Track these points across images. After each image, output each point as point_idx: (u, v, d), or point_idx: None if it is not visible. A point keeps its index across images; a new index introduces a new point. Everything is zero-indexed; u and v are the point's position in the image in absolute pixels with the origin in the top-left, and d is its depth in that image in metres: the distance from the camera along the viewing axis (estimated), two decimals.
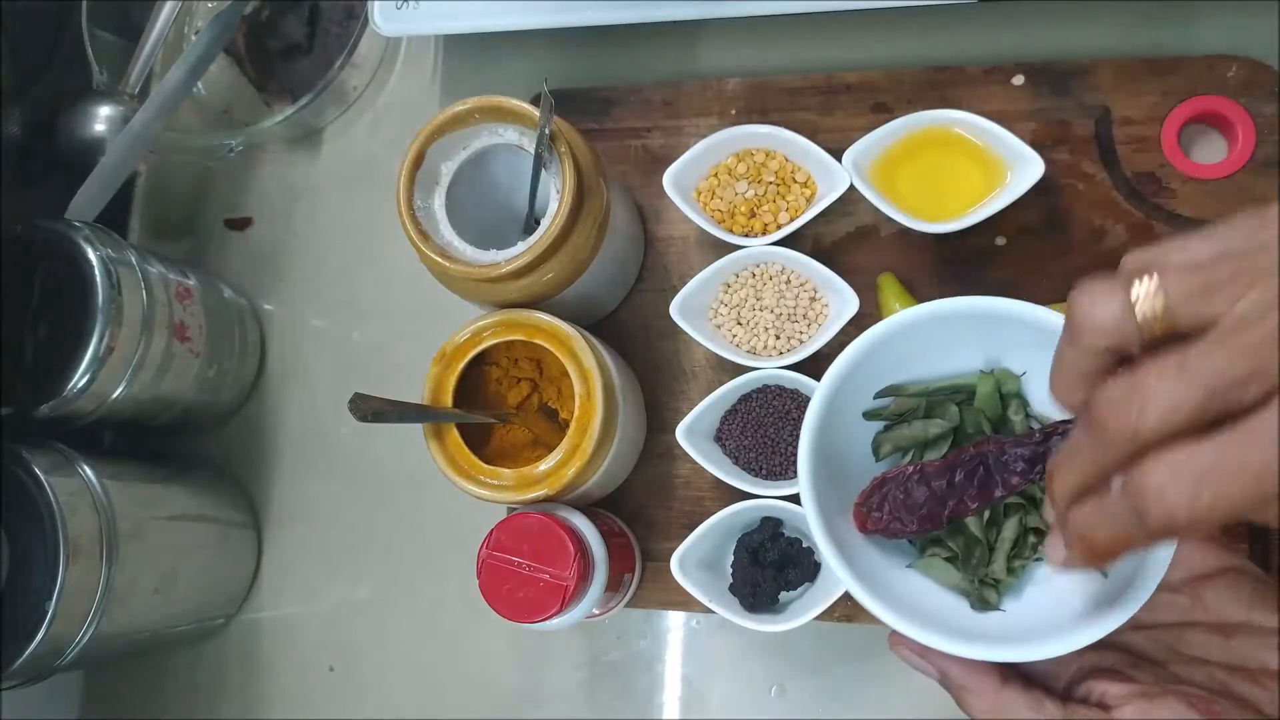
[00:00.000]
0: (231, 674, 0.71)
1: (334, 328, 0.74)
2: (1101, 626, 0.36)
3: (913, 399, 0.43)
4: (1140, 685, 0.36)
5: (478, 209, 0.58)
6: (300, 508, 0.72)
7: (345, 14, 0.74)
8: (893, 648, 0.40)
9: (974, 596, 0.43)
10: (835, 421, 0.42)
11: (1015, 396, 0.42)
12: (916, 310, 0.40)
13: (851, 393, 0.42)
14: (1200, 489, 0.25)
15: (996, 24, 0.65)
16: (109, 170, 0.66)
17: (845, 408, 0.42)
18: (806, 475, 0.41)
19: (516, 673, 0.66)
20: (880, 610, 0.39)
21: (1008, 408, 0.43)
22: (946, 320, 0.40)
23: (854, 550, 0.41)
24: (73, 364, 0.59)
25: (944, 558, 0.43)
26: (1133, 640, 0.39)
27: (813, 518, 0.41)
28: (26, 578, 0.57)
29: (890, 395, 0.43)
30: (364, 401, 0.50)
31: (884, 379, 0.43)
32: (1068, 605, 0.39)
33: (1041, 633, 0.37)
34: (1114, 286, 0.29)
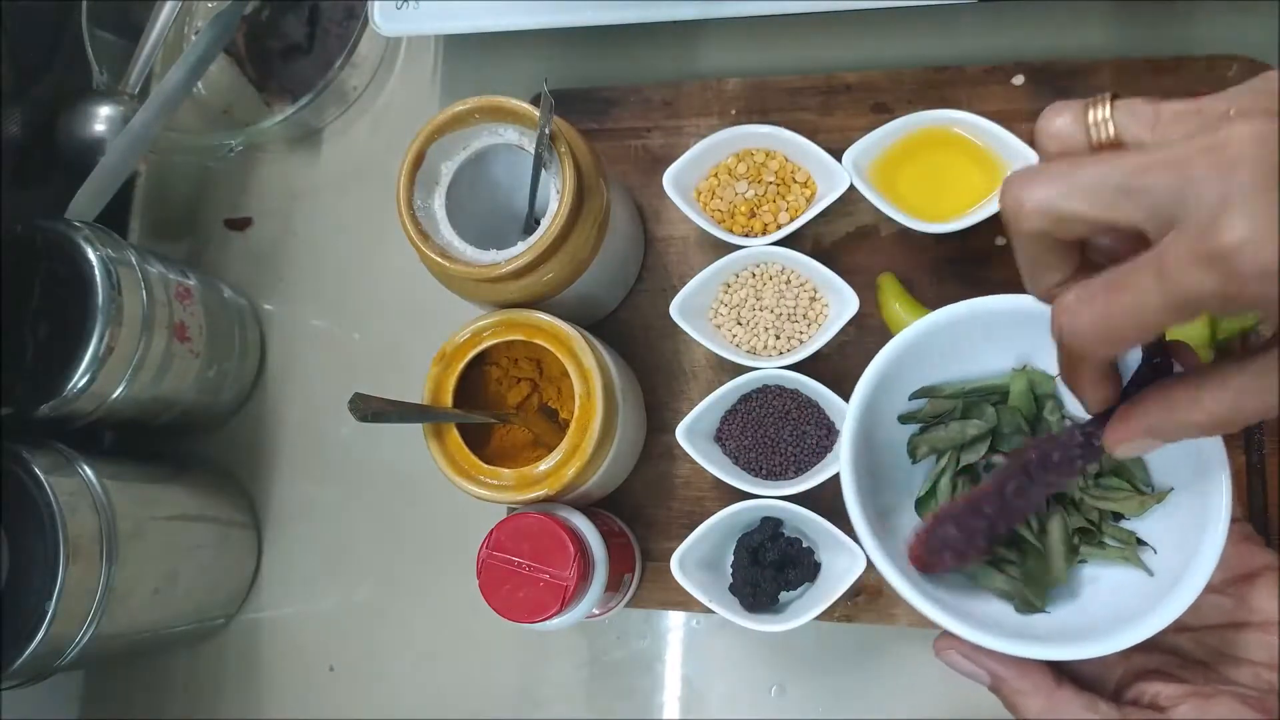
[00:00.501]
0: (231, 674, 0.71)
1: (334, 328, 0.74)
2: (1150, 625, 0.36)
3: (948, 400, 0.43)
4: (1193, 685, 0.36)
5: (478, 209, 0.58)
6: (300, 508, 0.72)
7: (345, 14, 0.74)
8: (940, 653, 0.40)
9: (1019, 599, 0.42)
10: (872, 426, 0.41)
11: (1050, 397, 0.42)
12: (953, 310, 0.40)
13: (886, 397, 0.42)
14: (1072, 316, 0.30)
15: (996, 24, 0.65)
16: (109, 170, 0.66)
17: (881, 412, 0.42)
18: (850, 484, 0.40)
19: (516, 673, 0.66)
20: (936, 614, 0.38)
21: (1043, 408, 0.42)
22: (982, 319, 0.40)
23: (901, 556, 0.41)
24: (73, 364, 0.59)
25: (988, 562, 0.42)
26: (1178, 642, 0.39)
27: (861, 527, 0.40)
28: (26, 578, 0.57)
29: (925, 397, 0.43)
30: (364, 401, 0.50)
31: (917, 381, 0.43)
32: (1113, 606, 0.39)
33: (1090, 632, 0.37)
34: (1073, 103, 0.34)
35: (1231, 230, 0.25)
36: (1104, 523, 0.41)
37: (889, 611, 0.59)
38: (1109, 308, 0.29)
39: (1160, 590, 0.37)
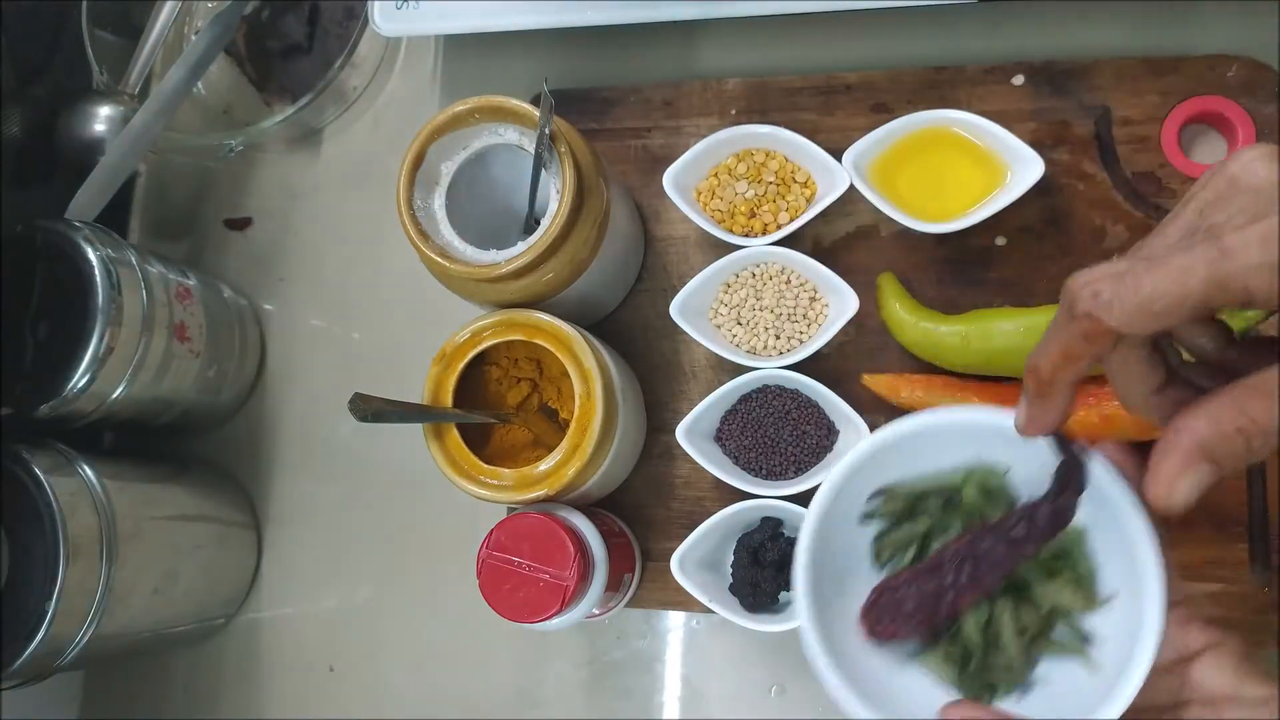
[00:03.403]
0: (231, 674, 0.71)
1: (334, 328, 0.74)
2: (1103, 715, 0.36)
3: (905, 499, 0.44)
4: None
5: (478, 209, 0.58)
6: (300, 508, 0.72)
7: (345, 14, 0.74)
8: None
9: (972, 695, 0.42)
10: (831, 530, 0.42)
11: (1002, 491, 0.43)
12: (908, 423, 0.42)
13: (844, 500, 0.43)
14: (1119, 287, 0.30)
15: (996, 24, 0.65)
16: (109, 170, 0.66)
17: (840, 515, 0.43)
18: (805, 592, 0.41)
19: (516, 673, 0.66)
20: None
21: (996, 502, 0.43)
22: (939, 431, 0.42)
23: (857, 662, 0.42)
24: (73, 364, 0.59)
25: (942, 657, 0.43)
26: None
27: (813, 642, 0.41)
28: (26, 578, 0.57)
29: (881, 497, 0.44)
30: (364, 401, 0.50)
31: (875, 483, 0.44)
32: (1066, 702, 0.39)
33: None
34: None
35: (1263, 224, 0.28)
36: (1053, 618, 0.41)
37: None
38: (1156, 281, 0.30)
39: (1105, 685, 0.37)
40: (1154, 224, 0.60)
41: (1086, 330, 0.32)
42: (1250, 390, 0.31)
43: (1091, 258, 0.60)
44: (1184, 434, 0.33)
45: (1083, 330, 0.32)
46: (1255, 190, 0.30)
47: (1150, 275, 0.30)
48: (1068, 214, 0.61)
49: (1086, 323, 0.32)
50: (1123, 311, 0.31)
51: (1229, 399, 0.32)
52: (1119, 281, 0.31)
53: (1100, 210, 0.60)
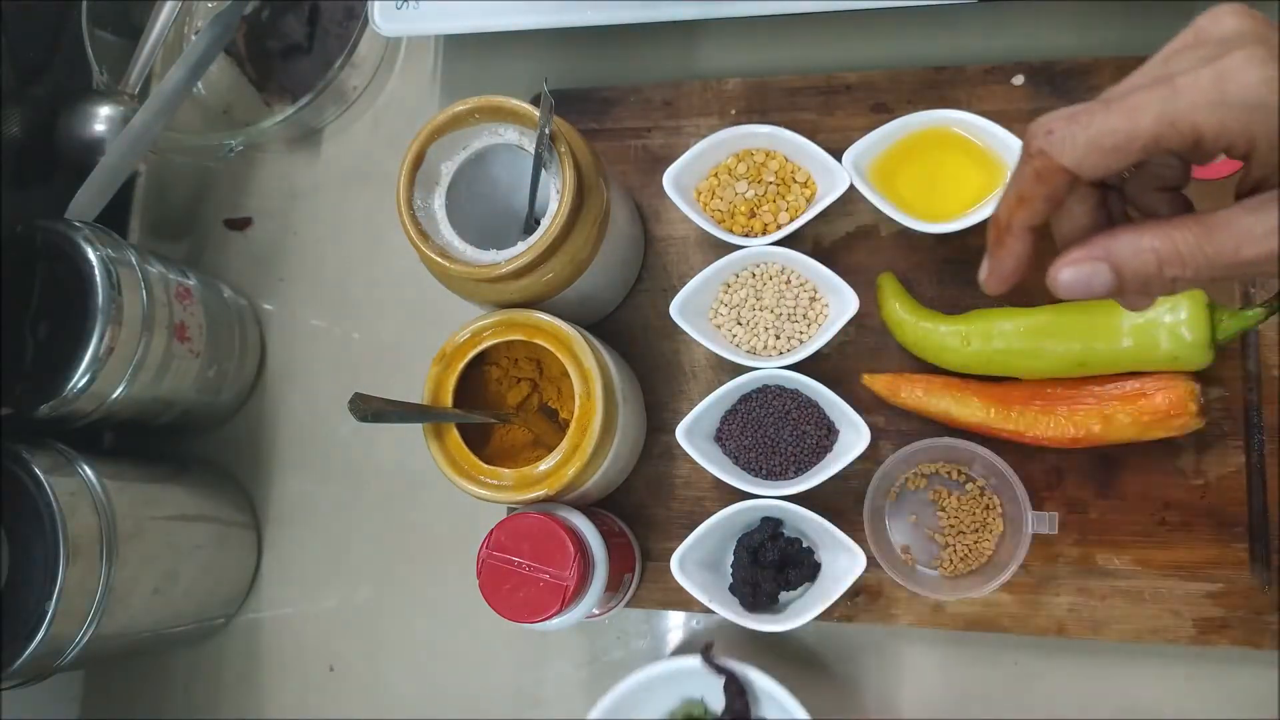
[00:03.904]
0: (231, 674, 0.71)
1: (334, 328, 0.74)
2: None
3: None
4: None
5: (478, 209, 0.58)
6: (300, 508, 0.72)
7: (345, 14, 0.74)
8: None
9: None
10: None
11: (705, 714, 0.57)
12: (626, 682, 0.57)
13: None
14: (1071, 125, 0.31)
15: (996, 24, 0.65)
16: (109, 170, 0.66)
17: None
18: None
19: (516, 673, 0.66)
20: None
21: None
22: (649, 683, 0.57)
23: None
24: (73, 364, 0.59)
25: None
26: None
27: None
28: (26, 578, 0.57)
29: None
30: (364, 401, 0.50)
31: None
32: None
33: None
34: None
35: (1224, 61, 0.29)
36: None
37: (889, 611, 0.59)
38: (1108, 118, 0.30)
39: None
40: None
41: (1039, 168, 0.32)
42: (1183, 223, 0.32)
43: None
44: (1100, 238, 0.33)
45: (1035, 169, 0.33)
46: (1219, 40, 0.30)
47: (1103, 114, 0.31)
48: None
49: (1039, 160, 0.32)
50: (1074, 148, 0.31)
51: (1160, 224, 0.32)
52: (1072, 120, 0.31)
53: None
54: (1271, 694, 0.56)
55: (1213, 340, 0.53)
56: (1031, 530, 0.54)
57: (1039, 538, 0.57)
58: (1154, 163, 0.35)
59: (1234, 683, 0.57)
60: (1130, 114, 0.30)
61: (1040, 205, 0.34)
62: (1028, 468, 0.58)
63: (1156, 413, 0.54)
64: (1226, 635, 0.56)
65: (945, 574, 0.58)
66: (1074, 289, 0.34)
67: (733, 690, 0.55)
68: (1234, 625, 0.56)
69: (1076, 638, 0.57)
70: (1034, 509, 0.55)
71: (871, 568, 0.56)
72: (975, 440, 0.57)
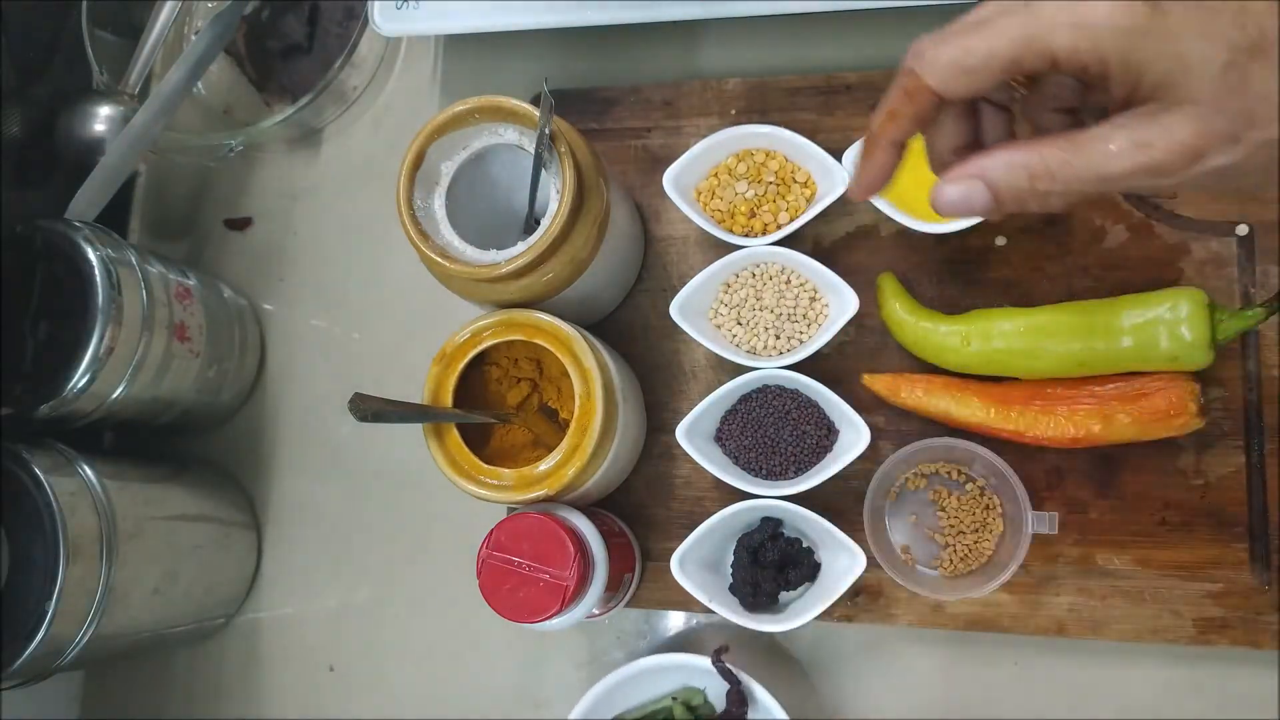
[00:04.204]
0: (231, 674, 0.71)
1: (334, 328, 0.74)
2: None
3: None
4: None
5: (478, 209, 0.58)
6: (300, 508, 0.72)
7: (345, 14, 0.74)
8: None
9: None
10: None
11: (703, 706, 0.58)
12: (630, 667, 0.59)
13: None
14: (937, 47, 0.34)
15: None
16: (109, 170, 0.66)
17: None
18: None
19: (516, 673, 0.66)
20: None
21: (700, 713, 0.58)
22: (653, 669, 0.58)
23: None
24: (73, 364, 0.59)
25: None
26: None
27: None
28: (26, 578, 0.57)
29: None
30: (364, 401, 0.50)
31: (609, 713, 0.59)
32: None
33: None
34: None
35: None
36: None
37: (889, 611, 0.59)
38: (970, 39, 0.33)
39: None
40: (1154, 223, 0.60)
41: (907, 86, 0.35)
42: (1053, 140, 0.34)
43: (1091, 257, 0.60)
44: (976, 158, 0.35)
45: (904, 86, 0.35)
46: None
47: (964, 35, 0.33)
48: (1067, 214, 0.61)
49: (908, 79, 0.34)
50: (938, 68, 0.34)
51: (1030, 144, 0.34)
52: (940, 42, 0.33)
53: (1100, 210, 0.60)
54: (1271, 694, 0.56)
55: (1213, 340, 0.53)
56: (1031, 530, 0.54)
57: (1039, 538, 0.57)
58: (1049, 82, 0.37)
59: (1234, 683, 0.57)
60: (991, 36, 0.32)
61: (907, 123, 0.36)
62: (1028, 468, 0.58)
63: (1156, 413, 0.54)
64: (1226, 635, 0.56)
65: (945, 574, 0.58)
66: (956, 207, 0.36)
67: (734, 698, 0.56)
68: (1234, 625, 0.56)
69: (1076, 638, 0.57)
70: (1034, 509, 0.55)
71: (871, 568, 0.56)
72: (975, 440, 0.57)
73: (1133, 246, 0.60)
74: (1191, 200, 0.59)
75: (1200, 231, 0.59)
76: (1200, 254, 0.59)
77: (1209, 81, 0.31)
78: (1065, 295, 0.59)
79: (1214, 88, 0.31)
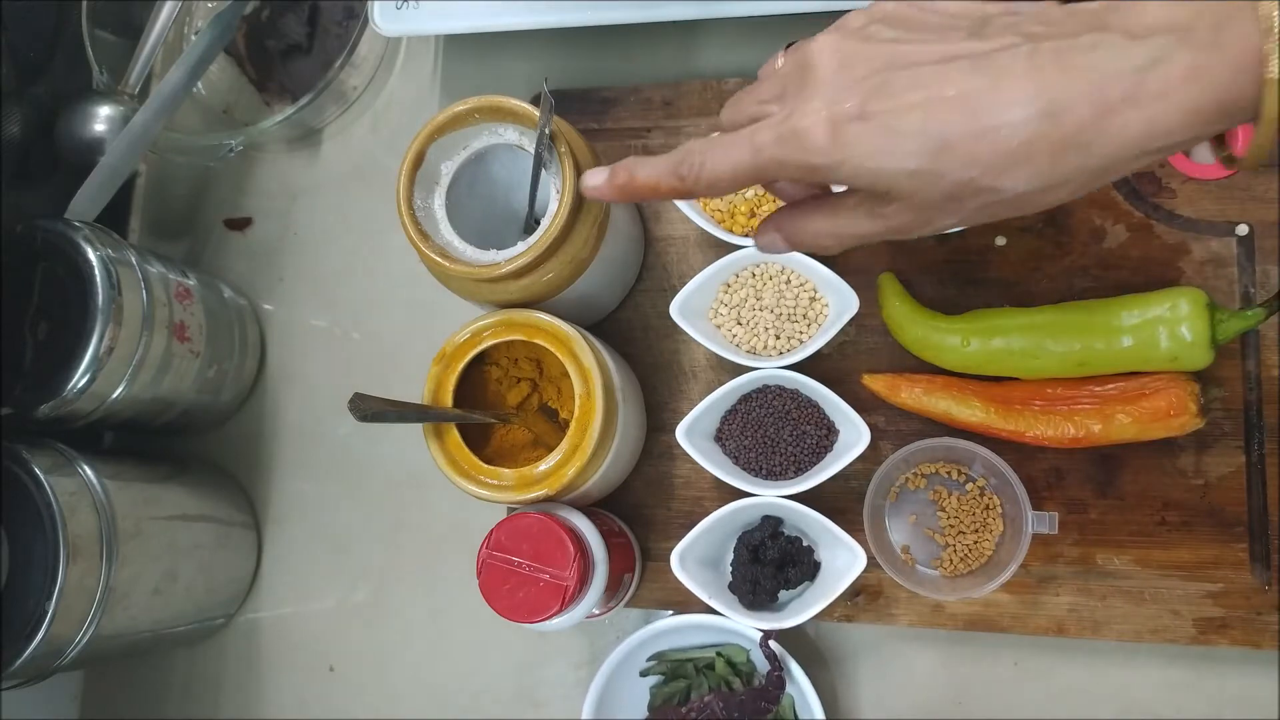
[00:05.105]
0: (231, 674, 0.71)
1: (334, 328, 0.74)
2: None
3: (672, 663, 0.61)
4: None
5: (478, 209, 0.58)
6: (300, 508, 0.72)
7: (345, 14, 0.74)
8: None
9: None
10: (620, 675, 0.60)
11: (744, 664, 0.60)
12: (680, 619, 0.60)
13: (632, 658, 0.60)
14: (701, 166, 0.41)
15: None
16: (109, 170, 0.66)
17: (628, 667, 0.61)
18: None
19: (516, 673, 0.66)
20: None
21: (738, 672, 0.59)
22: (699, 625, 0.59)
23: None
24: (73, 364, 0.59)
25: None
26: None
27: None
28: (26, 578, 0.57)
29: (656, 659, 0.61)
30: (364, 401, 0.51)
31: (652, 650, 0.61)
32: None
33: None
34: None
35: (802, 118, 0.37)
36: None
37: (889, 611, 0.59)
38: (717, 165, 0.40)
39: None
40: (1154, 223, 0.60)
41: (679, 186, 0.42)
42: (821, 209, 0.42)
43: (1091, 257, 0.60)
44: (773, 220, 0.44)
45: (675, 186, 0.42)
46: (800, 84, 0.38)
47: (714, 158, 0.40)
48: (1067, 214, 0.61)
49: (681, 182, 0.41)
50: (700, 185, 0.41)
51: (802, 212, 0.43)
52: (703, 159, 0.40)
53: (1100, 210, 0.60)
54: (1271, 694, 0.56)
55: (1213, 340, 0.53)
56: (1031, 530, 0.54)
57: (1039, 538, 0.57)
58: None
59: (1234, 683, 0.57)
60: (732, 166, 0.40)
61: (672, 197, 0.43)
62: (1028, 468, 0.58)
63: (1156, 413, 0.54)
64: (1226, 635, 0.56)
65: (945, 574, 0.58)
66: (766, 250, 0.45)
67: (775, 680, 0.57)
68: (1234, 625, 0.56)
69: (1076, 638, 0.57)
70: (1034, 509, 0.55)
71: (871, 567, 0.56)
72: (975, 440, 0.57)
73: (1133, 246, 0.60)
74: (1191, 200, 0.59)
75: (1200, 231, 0.59)
76: (1200, 254, 0.59)
77: (905, 184, 0.37)
78: (1065, 295, 0.59)
79: (910, 186, 0.37)
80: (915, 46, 0.36)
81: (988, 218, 0.38)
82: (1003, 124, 0.34)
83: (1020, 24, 0.36)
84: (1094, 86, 0.33)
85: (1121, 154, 0.35)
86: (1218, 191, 0.59)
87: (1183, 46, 0.33)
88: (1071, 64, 0.34)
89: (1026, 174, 0.35)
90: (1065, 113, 0.34)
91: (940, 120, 0.35)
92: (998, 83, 0.34)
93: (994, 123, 0.34)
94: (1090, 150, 0.34)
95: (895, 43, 0.37)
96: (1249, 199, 0.59)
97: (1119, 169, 0.35)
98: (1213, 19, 0.33)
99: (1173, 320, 0.53)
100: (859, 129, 0.36)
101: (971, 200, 0.37)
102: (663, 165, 0.42)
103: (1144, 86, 0.33)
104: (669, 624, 0.60)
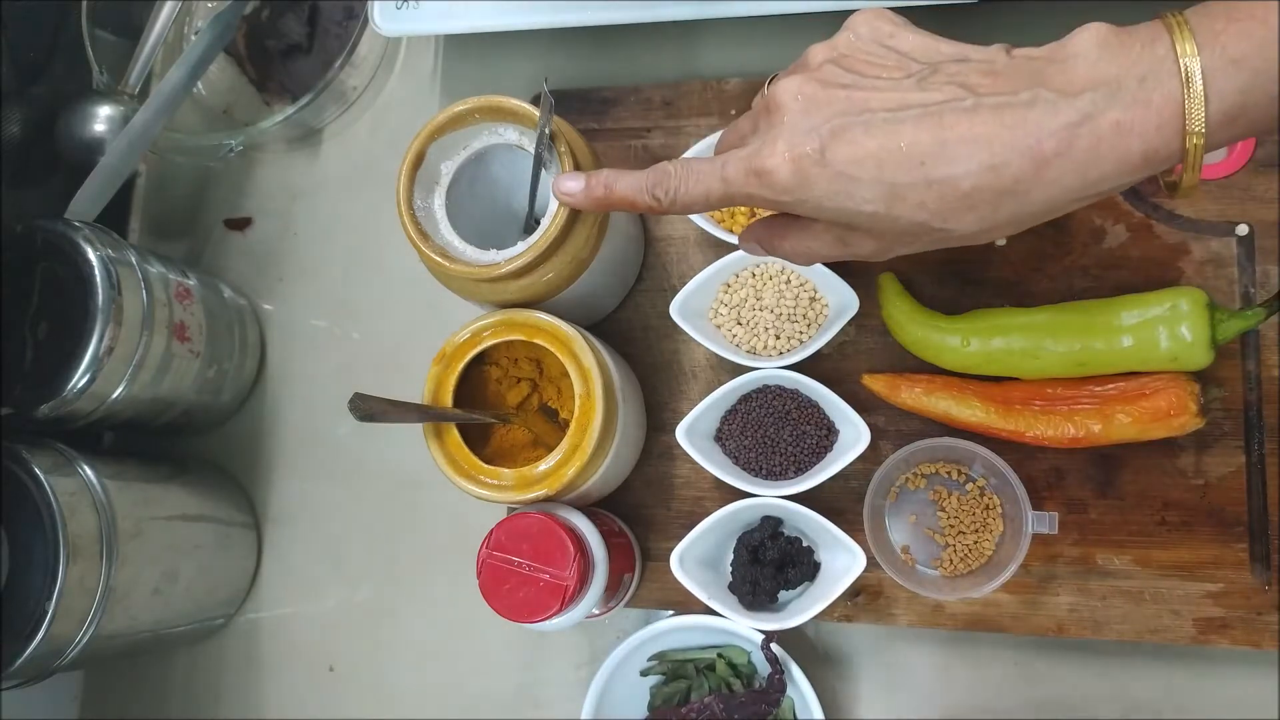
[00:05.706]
0: (231, 674, 0.71)
1: (334, 328, 0.74)
2: None
3: (673, 664, 0.61)
4: None
5: (478, 209, 0.58)
6: (300, 507, 0.72)
7: (345, 14, 0.74)
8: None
9: None
10: (620, 675, 0.60)
11: (744, 666, 0.60)
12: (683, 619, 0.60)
13: (633, 658, 0.60)
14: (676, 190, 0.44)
15: (996, 24, 0.65)
16: (109, 170, 0.66)
17: (629, 666, 0.61)
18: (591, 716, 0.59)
19: (516, 673, 0.66)
20: None
21: (739, 674, 0.59)
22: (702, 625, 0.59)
23: None
24: (73, 364, 0.59)
25: None
26: None
27: None
28: (26, 578, 0.57)
29: (657, 660, 0.61)
30: (364, 401, 0.50)
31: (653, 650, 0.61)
32: None
33: None
34: None
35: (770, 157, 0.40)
36: None
37: (889, 611, 0.59)
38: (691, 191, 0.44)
39: None
40: (1154, 223, 0.60)
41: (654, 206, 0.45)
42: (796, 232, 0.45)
43: (1091, 257, 0.60)
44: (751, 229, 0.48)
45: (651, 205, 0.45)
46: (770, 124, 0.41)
47: (688, 185, 0.43)
48: (1067, 214, 0.61)
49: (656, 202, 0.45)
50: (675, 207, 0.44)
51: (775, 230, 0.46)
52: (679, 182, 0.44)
53: (1100, 210, 0.60)
54: (1271, 694, 0.56)
55: (1213, 340, 0.53)
56: (1031, 530, 0.54)
57: (1039, 538, 0.57)
58: None
59: (1234, 683, 0.57)
60: (703, 194, 0.43)
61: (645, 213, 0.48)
62: (1028, 468, 0.58)
63: (1156, 413, 0.54)
64: (1226, 635, 0.56)
65: (945, 574, 0.58)
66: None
67: (776, 683, 0.57)
68: (1234, 625, 0.56)
69: (1076, 638, 0.57)
70: (1034, 509, 0.55)
71: (871, 568, 0.56)
72: (975, 440, 0.57)
73: (1133, 246, 0.60)
74: (1191, 200, 0.59)
75: (1200, 231, 0.59)
76: (1200, 254, 0.59)
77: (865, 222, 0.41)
78: (1065, 295, 0.59)
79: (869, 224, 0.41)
80: (868, 94, 0.40)
81: (946, 246, 0.42)
82: (948, 177, 0.38)
83: (967, 75, 0.39)
84: (1031, 143, 0.37)
85: (1059, 199, 0.38)
86: (1218, 191, 0.59)
87: (1111, 102, 0.36)
88: (1010, 121, 0.37)
89: (972, 218, 0.39)
90: (1005, 166, 0.37)
91: (892, 171, 0.39)
92: (944, 137, 0.38)
93: (940, 175, 0.38)
94: (1029, 198, 0.38)
95: (851, 89, 0.40)
96: (1249, 199, 0.59)
97: (1059, 211, 0.39)
98: (1138, 72, 0.36)
99: (1173, 320, 0.53)
100: (819, 172, 0.39)
101: (926, 236, 0.41)
102: (639, 183, 0.46)
103: (1075, 142, 0.37)
104: (669, 624, 0.60)
